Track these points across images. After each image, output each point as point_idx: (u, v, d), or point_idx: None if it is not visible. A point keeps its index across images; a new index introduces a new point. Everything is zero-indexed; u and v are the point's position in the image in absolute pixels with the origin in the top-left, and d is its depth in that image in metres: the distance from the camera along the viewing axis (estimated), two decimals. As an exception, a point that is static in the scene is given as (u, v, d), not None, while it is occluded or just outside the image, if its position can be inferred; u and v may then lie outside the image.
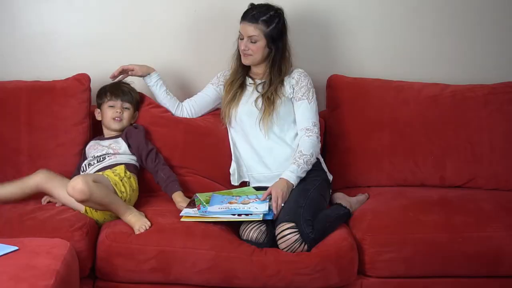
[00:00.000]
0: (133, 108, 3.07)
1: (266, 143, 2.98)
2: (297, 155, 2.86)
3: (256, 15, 2.91)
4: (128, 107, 3.04)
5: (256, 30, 2.91)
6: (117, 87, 3.07)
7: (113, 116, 3.01)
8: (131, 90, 3.09)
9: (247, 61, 2.99)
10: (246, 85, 3.06)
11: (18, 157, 3.03)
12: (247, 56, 2.97)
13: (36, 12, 3.28)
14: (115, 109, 3.02)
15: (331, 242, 2.66)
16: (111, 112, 3.01)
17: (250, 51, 2.94)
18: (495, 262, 2.71)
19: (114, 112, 3.01)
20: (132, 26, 3.32)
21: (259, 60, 2.99)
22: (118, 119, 3.01)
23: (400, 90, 3.23)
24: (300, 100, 2.97)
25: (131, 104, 3.05)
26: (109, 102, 3.03)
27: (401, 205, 2.89)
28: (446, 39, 3.44)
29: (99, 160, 2.92)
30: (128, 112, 3.04)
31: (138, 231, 2.61)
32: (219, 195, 2.86)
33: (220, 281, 2.60)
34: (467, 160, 3.17)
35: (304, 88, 2.98)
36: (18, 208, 2.72)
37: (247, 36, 2.93)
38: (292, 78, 3.01)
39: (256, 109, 2.97)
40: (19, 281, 2.06)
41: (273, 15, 2.93)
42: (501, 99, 3.23)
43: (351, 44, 3.42)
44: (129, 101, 3.05)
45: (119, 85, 3.08)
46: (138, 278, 2.60)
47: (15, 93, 3.08)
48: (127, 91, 3.07)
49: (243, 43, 2.95)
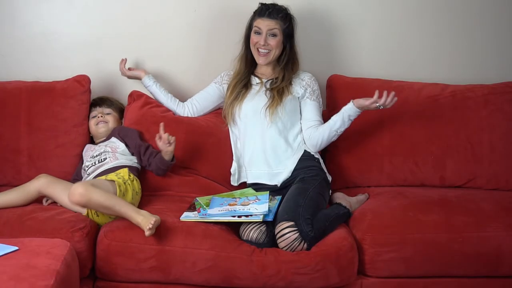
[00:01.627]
0: (116, 113, 3.15)
1: (269, 138, 2.98)
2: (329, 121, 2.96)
3: (274, 12, 2.99)
4: (109, 112, 3.12)
5: (277, 25, 2.98)
6: (99, 98, 3.18)
7: (96, 122, 3.08)
8: (112, 99, 3.20)
9: (264, 60, 3.03)
10: (252, 84, 3.08)
11: (18, 157, 3.04)
12: (265, 55, 3.00)
13: (36, 12, 3.28)
14: (97, 116, 3.10)
15: (331, 241, 2.66)
16: (94, 120, 3.10)
17: (269, 46, 2.99)
18: (495, 262, 2.71)
19: (96, 118, 3.09)
20: (132, 26, 3.32)
21: (275, 57, 3.03)
22: (102, 122, 3.08)
23: (400, 90, 3.22)
24: (313, 101, 3.04)
25: (111, 108, 3.14)
26: (91, 113, 3.12)
27: (401, 205, 2.89)
28: (446, 39, 3.44)
29: (100, 161, 2.92)
30: (111, 116, 3.12)
31: (148, 230, 2.51)
32: (219, 198, 2.86)
33: (220, 281, 2.60)
34: (467, 160, 3.17)
35: (316, 92, 3.07)
36: (18, 208, 2.72)
37: (268, 29, 2.98)
38: (302, 79, 3.07)
39: (264, 99, 3.00)
40: (19, 281, 2.06)
41: (287, 13, 3.04)
42: (501, 99, 3.23)
43: (351, 44, 3.42)
44: (108, 106, 3.13)
45: (101, 97, 3.20)
46: (138, 277, 2.60)
47: (15, 93, 3.08)
48: (106, 99, 3.18)
49: (262, 38, 2.98)
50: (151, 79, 3.16)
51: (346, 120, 2.91)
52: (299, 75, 3.08)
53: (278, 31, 2.99)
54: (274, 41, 2.99)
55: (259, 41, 2.99)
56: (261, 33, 2.99)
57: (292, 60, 3.06)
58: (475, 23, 3.44)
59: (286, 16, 3.02)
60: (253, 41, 3.02)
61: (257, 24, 3.01)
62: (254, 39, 3.01)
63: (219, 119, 3.13)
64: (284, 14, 3.02)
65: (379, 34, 3.42)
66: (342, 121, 2.92)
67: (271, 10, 3.00)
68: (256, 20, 3.01)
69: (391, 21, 3.42)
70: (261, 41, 2.99)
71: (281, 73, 3.04)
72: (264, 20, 2.99)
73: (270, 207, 2.74)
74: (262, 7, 3.03)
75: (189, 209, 2.79)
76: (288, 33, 3.02)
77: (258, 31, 3.00)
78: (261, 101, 3.01)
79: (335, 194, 3.03)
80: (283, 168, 2.95)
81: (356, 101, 2.88)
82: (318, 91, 3.08)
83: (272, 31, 2.98)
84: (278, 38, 3.00)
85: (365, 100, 2.84)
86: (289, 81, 3.03)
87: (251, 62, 3.10)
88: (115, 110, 3.15)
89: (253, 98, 3.04)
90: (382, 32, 3.42)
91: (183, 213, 2.74)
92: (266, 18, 2.99)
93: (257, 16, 3.02)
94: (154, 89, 3.15)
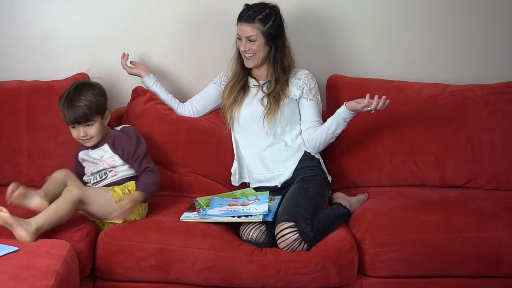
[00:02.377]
0: (98, 116, 2.76)
1: (268, 144, 2.98)
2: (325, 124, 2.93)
3: (252, 15, 2.91)
4: (89, 124, 2.75)
5: (254, 30, 2.91)
6: (69, 106, 2.73)
7: (78, 138, 2.79)
8: (86, 101, 2.73)
9: (250, 64, 2.99)
10: (250, 86, 3.06)
11: (18, 157, 3.04)
12: (249, 58, 2.97)
13: (36, 12, 3.28)
14: (77, 132, 2.78)
15: (331, 241, 2.66)
16: (75, 134, 2.79)
17: (250, 51, 2.94)
18: (495, 262, 2.71)
19: (78, 135, 2.78)
20: (132, 26, 3.32)
21: (261, 60, 2.98)
22: (86, 140, 2.78)
23: (400, 90, 3.23)
24: (310, 100, 2.99)
25: (89, 117, 2.73)
26: (71, 130, 2.81)
27: (401, 205, 2.89)
28: (446, 39, 3.44)
29: (101, 176, 2.80)
30: (93, 127, 2.76)
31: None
32: (219, 198, 2.86)
33: (220, 280, 2.60)
34: (467, 160, 3.17)
35: (314, 90, 3.01)
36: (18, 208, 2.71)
37: (244, 36, 2.93)
38: (299, 79, 3.02)
39: (261, 107, 2.97)
40: (19, 281, 2.06)
41: (268, 13, 2.93)
42: (501, 99, 3.23)
43: (351, 44, 3.42)
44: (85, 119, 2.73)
45: (71, 104, 2.73)
46: (138, 277, 2.60)
47: (15, 93, 3.08)
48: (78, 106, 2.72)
49: (242, 44, 2.94)
50: (152, 79, 3.14)
51: (341, 122, 2.89)
52: (295, 74, 3.04)
53: (256, 36, 2.91)
54: (254, 45, 2.93)
55: (240, 47, 2.96)
56: (241, 39, 2.95)
57: (281, 60, 2.99)
58: (475, 23, 3.44)
59: (266, 17, 2.91)
60: (239, 47, 2.99)
61: (238, 30, 2.96)
62: (238, 44, 2.98)
63: (220, 119, 3.13)
64: (264, 15, 2.91)
65: (379, 34, 3.42)
66: (337, 123, 2.89)
67: (249, 13, 2.91)
68: (237, 25, 2.96)
69: (391, 21, 3.42)
70: (241, 47, 2.96)
71: (273, 75, 3.00)
72: (242, 25, 2.93)
73: (270, 207, 2.74)
74: (242, 11, 2.95)
75: (189, 209, 2.79)
76: (271, 34, 2.93)
77: (238, 37, 2.96)
78: (259, 108, 2.98)
79: (335, 194, 3.03)
80: (283, 170, 2.94)
81: (349, 104, 2.84)
82: (315, 88, 3.03)
83: (250, 37, 2.92)
84: (258, 42, 2.92)
85: (357, 104, 2.81)
86: (286, 82, 3.00)
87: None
88: (93, 112, 2.74)
89: (251, 103, 3.02)
90: (382, 32, 3.42)
91: (183, 214, 2.74)
92: (244, 22, 2.92)
93: (238, 20, 2.96)
94: (154, 89, 3.15)
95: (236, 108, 3.02)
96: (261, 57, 2.97)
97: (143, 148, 2.81)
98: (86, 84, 2.82)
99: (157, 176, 2.77)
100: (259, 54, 2.96)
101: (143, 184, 2.71)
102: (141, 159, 2.77)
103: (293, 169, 2.94)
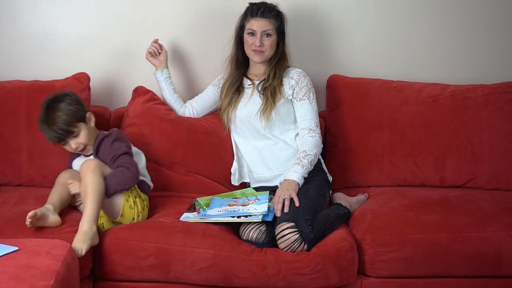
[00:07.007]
0: (80, 123, 2.74)
1: (267, 143, 2.98)
2: (301, 155, 2.85)
3: (265, 11, 2.95)
4: (74, 134, 2.73)
5: (270, 25, 2.95)
6: (47, 128, 2.73)
7: (74, 152, 2.80)
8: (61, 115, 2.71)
9: (259, 59, 2.98)
10: (244, 87, 3.06)
11: (18, 157, 3.04)
12: (260, 52, 2.97)
13: (36, 12, 3.28)
14: (69, 147, 2.77)
15: (331, 242, 2.66)
16: (69, 149, 2.79)
17: (264, 47, 2.96)
18: (495, 262, 2.71)
19: (71, 149, 2.77)
20: (132, 26, 3.32)
21: (270, 56, 3.00)
22: (82, 151, 2.78)
23: (400, 90, 3.23)
24: (301, 101, 2.97)
25: (70, 130, 2.71)
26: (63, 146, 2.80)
27: (401, 205, 2.89)
28: (446, 39, 3.44)
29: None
30: (79, 136, 2.74)
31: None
32: (219, 198, 2.86)
33: (219, 280, 2.60)
34: (467, 160, 3.17)
35: (305, 88, 2.98)
36: (18, 208, 2.72)
37: (261, 31, 2.94)
38: (291, 78, 3.01)
39: (257, 106, 2.97)
40: (19, 281, 2.06)
41: (278, 11, 2.99)
42: (501, 99, 3.23)
43: (351, 44, 3.42)
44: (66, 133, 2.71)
45: (47, 126, 2.72)
46: (138, 276, 2.60)
47: (15, 93, 3.08)
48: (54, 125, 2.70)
49: (257, 39, 2.94)
50: (164, 74, 3.13)
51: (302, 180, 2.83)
52: (288, 73, 3.03)
53: (272, 31, 2.95)
54: (269, 41, 2.95)
55: (255, 42, 2.95)
56: (255, 34, 2.95)
57: (284, 58, 3.03)
58: (475, 23, 3.43)
59: (277, 14, 2.98)
60: (248, 43, 2.98)
61: (250, 26, 2.96)
62: (249, 40, 2.97)
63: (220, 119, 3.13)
64: (276, 12, 2.98)
65: (379, 34, 3.42)
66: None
67: (263, 9, 2.95)
68: (249, 21, 2.96)
69: (391, 21, 3.42)
70: (256, 42, 2.95)
71: (272, 70, 3.01)
72: (257, 20, 2.95)
73: (270, 207, 2.74)
74: (253, 7, 2.98)
75: (189, 209, 2.79)
76: (281, 31, 2.99)
77: (252, 32, 2.96)
78: (255, 106, 2.98)
79: (335, 194, 3.03)
80: (284, 170, 2.94)
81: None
82: (306, 86, 2.99)
83: (267, 32, 2.94)
84: (273, 37, 2.96)
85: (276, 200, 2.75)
86: (280, 79, 2.99)
87: (242, 63, 3.07)
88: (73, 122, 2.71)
89: (246, 104, 3.02)
90: (382, 32, 3.42)
91: (183, 214, 2.74)
92: (260, 18, 2.94)
93: (249, 16, 2.97)
94: (163, 85, 3.14)
95: (232, 110, 3.03)
96: (271, 53, 2.99)
97: (119, 148, 2.74)
98: (56, 99, 2.76)
99: (125, 171, 2.67)
100: (270, 50, 2.97)
101: (107, 179, 2.63)
102: (116, 157, 2.71)
103: (293, 169, 2.94)
